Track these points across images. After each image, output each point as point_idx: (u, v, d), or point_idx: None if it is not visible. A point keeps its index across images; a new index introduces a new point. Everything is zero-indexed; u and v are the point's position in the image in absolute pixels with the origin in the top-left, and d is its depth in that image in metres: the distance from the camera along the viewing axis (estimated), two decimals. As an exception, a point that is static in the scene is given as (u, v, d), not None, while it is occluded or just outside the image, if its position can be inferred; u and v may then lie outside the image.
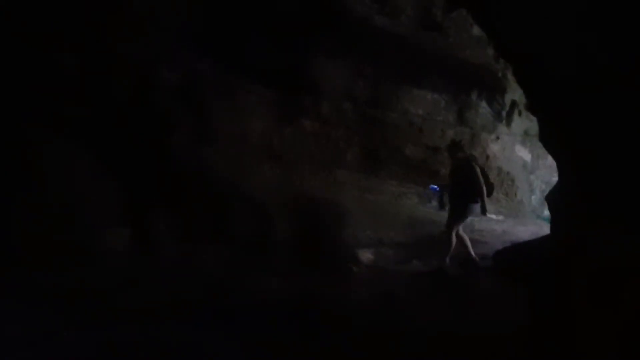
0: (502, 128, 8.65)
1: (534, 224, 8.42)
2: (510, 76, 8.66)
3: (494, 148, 8.50)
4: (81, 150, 5.97)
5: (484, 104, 8.39)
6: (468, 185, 5.55)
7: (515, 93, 8.91)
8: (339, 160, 7.22)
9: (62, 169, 5.72)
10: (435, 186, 5.87)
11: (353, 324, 3.94)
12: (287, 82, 6.88)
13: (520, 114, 9.10)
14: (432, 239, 7.26)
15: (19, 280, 4.63)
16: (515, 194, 8.88)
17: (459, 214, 5.71)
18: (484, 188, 5.57)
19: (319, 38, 6.95)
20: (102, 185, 5.90)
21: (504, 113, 8.76)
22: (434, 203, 5.91)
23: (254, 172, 6.67)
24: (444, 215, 7.93)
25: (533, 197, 9.50)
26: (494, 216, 8.52)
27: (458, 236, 5.77)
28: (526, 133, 9.23)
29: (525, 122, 9.19)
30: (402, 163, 7.63)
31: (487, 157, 8.39)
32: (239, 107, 6.65)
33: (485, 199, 5.57)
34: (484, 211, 5.62)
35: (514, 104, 8.94)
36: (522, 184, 9.06)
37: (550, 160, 9.58)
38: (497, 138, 8.55)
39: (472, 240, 7.22)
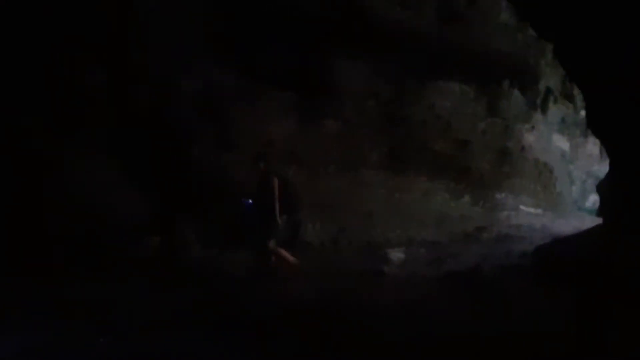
0: (537, 117, 8.29)
1: (576, 217, 7.96)
2: (544, 62, 8.30)
3: (529, 138, 8.13)
4: (108, 161, 6.12)
5: (516, 92, 8.06)
6: (270, 200, 5.16)
7: (549, 80, 8.54)
8: (365, 161, 7.09)
9: (90, 180, 5.88)
10: (249, 200, 5.51)
11: (380, 331, 3.76)
12: (308, 85, 6.85)
13: (556, 101, 8.71)
14: (466, 236, 7.01)
15: (51, 290, 4.77)
16: (554, 186, 8.46)
17: (269, 229, 5.28)
18: (277, 205, 5.13)
19: (339, 38, 6.87)
20: (129, 194, 6.03)
21: (538, 101, 8.40)
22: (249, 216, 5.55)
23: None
24: (477, 211, 7.68)
25: (573, 188, 9.04)
26: (532, 210, 8.15)
27: (274, 252, 5.32)
28: (563, 121, 8.82)
29: (562, 110, 8.79)
30: (431, 159, 7.40)
31: (522, 148, 8.03)
32: (260, 113, 6.65)
33: (278, 215, 5.14)
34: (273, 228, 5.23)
35: (548, 91, 8.57)
36: (561, 174, 8.63)
37: (590, 149, 9.13)
38: (533, 128, 8.18)
39: (508, 236, 6.95)
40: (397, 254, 6.15)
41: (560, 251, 5.12)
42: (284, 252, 5.37)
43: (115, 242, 5.75)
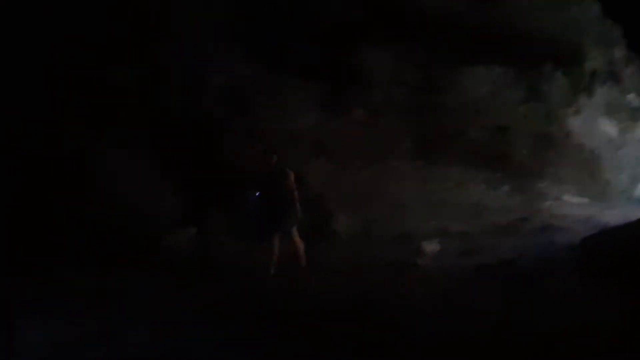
0: (582, 100, 7.87)
1: (625, 207, 7.46)
2: (589, 42, 7.82)
3: (574, 123, 7.72)
4: (141, 157, 6.28)
5: (559, 75, 7.69)
6: (283, 193, 5.12)
7: (595, 60, 8.06)
8: (395, 150, 6.96)
9: (124, 175, 6.08)
10: (256, 193, 5.36)
11: (412, 326, 3.64)
12: (334, 74, 6.78)
13: (602, 83, 8.18)
14: (504, 227, 6.71)
15: (85, 281, 4.93)
16: (601, 174, 7.97)
17: (277, 222, 5.20)
18: (297, 197, 5.14)
19: (366, 25, 6.72)
20: (161, 188, 6.18)
21: (583, 84, 7.91)
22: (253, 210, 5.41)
23: (306, 167, 6.57)
24: (517, 201, 7.34)
25: (622, 176, 8.48)
26: (577, 199, 7.73)
27: (277, 244, 5.24)
28: (610, 104, 8.29)
29: (608, 93, 8.25)
30: (464, 147, 7.16)
31: (566, 133, 7.63)
32: (286, 104, 6.67)
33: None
34: (295, 220, 5.19)
35: (594, 73, 8.06)
36: (609, 161, 8.12)
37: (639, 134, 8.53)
38: (577, 112, 7.75)
39: (551, 227, 6.60)
40: (430, 246, 5.98)
41: (609, 243, 4.82)
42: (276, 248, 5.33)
43: (149, 235, 5.88)
